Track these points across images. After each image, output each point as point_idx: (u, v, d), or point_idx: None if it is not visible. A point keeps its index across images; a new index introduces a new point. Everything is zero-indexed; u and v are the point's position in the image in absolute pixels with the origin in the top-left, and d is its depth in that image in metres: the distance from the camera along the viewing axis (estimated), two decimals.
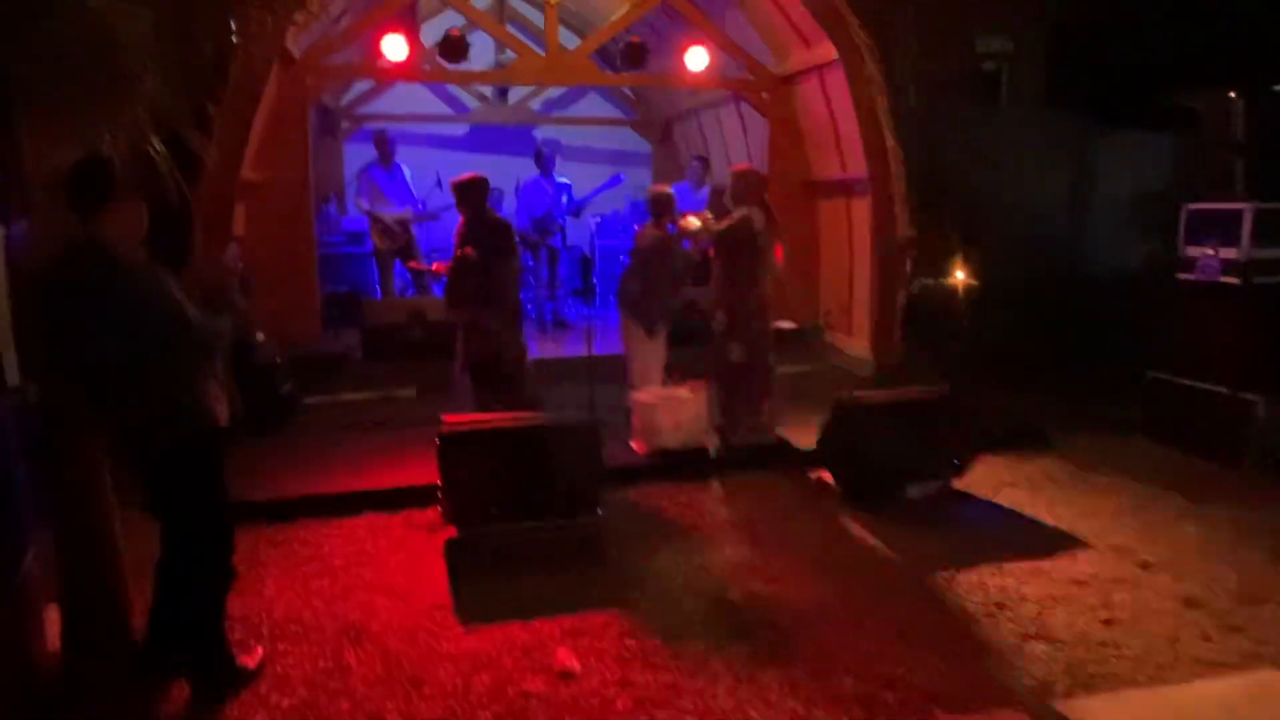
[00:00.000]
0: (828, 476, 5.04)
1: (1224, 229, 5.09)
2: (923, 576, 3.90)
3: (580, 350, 7.93)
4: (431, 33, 8.89)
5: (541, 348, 8.16)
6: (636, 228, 6.57)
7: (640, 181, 10.66)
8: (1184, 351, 5.49)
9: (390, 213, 7.96)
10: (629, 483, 5.01)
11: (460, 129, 11.47)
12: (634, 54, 7.44)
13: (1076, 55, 6.81)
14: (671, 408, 5.36)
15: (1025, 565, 3.97)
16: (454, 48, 7.14)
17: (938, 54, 6.58)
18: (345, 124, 10.60)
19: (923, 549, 4.17)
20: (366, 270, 8.80)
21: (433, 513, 4.37)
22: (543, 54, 7.40)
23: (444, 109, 11.36)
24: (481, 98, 11.24)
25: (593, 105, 11.89)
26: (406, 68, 7.22)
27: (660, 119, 11.47)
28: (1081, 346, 6.96)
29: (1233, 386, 5.13)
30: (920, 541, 4.26)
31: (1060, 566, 3.98)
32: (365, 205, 7.98)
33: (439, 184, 9.44)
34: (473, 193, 5.58)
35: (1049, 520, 4.56)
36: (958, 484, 4.94)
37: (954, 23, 6.67)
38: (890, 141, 6.61)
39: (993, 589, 3.75)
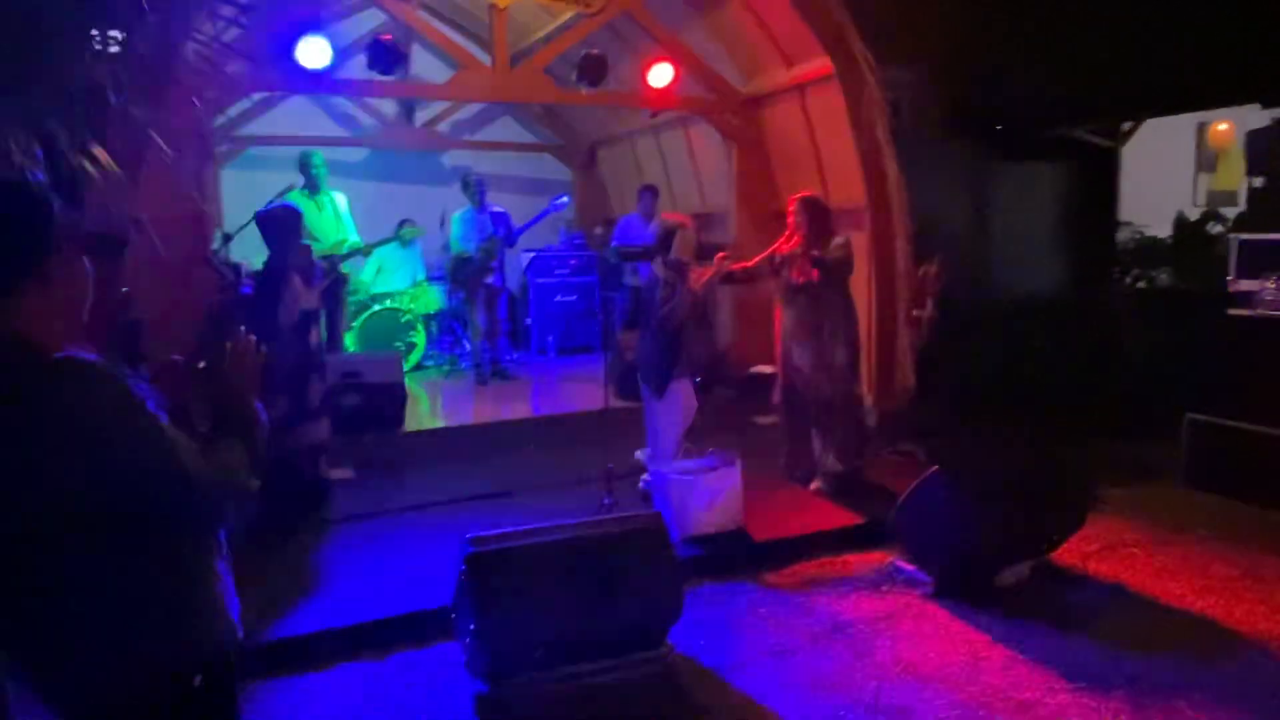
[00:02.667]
0: (900, 561, 4.28)
1: None
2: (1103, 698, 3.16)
3: (524, 410, 6.96)
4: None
5: (478, 407, 7.06)
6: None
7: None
8: (1235, 392, 5.11)
9: (318, 249, 6.66)
10: None
11: (357, 154, 10.14)
12: (593, 68, 6.54)
13: (976, 87, 6.71)
14: (708, 484, 4.45)
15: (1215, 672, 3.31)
16: (387, 55, 5.99)
17: None
18: (224, 147, 9.08)
19: (1073, 657, 3.44)
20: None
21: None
22: (490, 65, 6.37)
23: (338, 130, 10.02)
24: (383, 119, 9.98)
25: (506, 128, 10.86)
26: (325, 79, 6.01)
27: (584, 144, 10.58)
28: (1045, 379, 6.69)
29: None
30: (1066, 648, 3.53)
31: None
32: None
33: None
34: (278, 228, 4.60)
35: (1173, 603, 3.96)
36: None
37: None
38: (893, 168, 6.00)
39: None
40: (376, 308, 8.01)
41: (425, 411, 6.85)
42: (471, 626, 3.04)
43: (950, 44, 5.89)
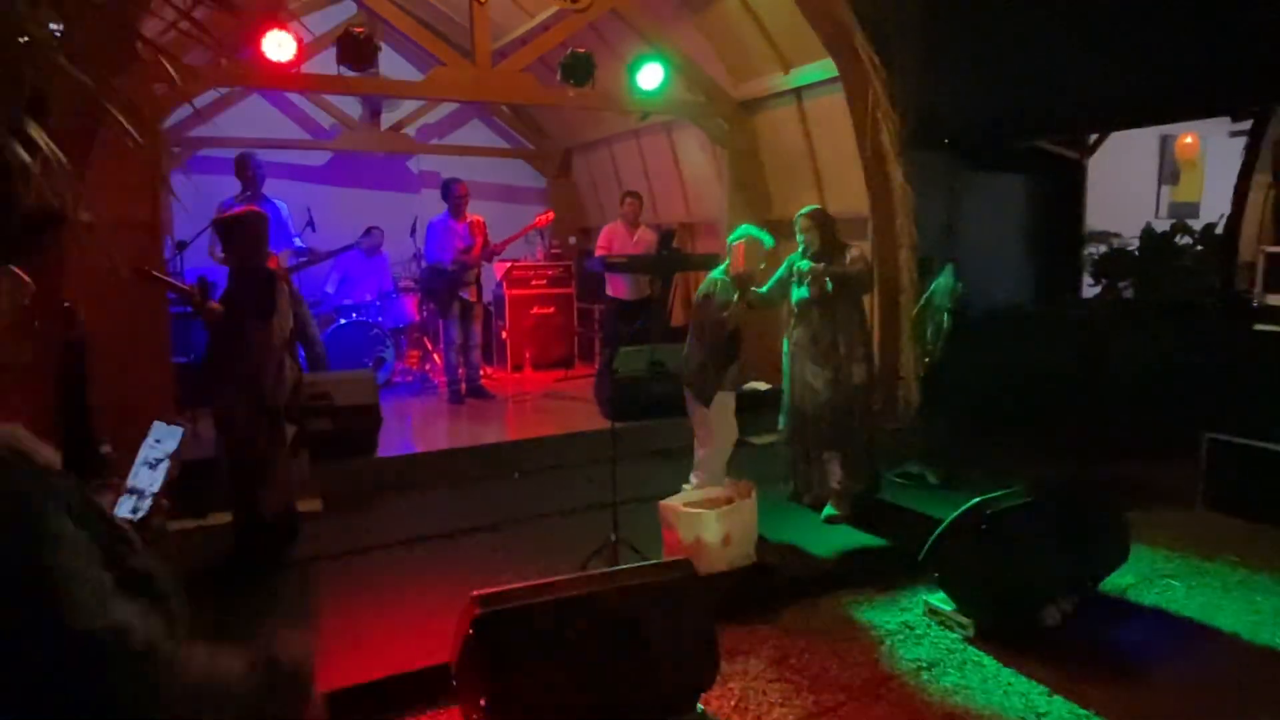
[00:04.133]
0: (934, 599, 3.94)
1: None
2: None
3: (504, 432, 6.50)
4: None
5: (454, 428, 6.60)
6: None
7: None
8: (1259, 411, 4.89)
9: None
10: None
11: (319, 157, 9.60)
12: (580, 67, 6.16)
13: (945, 100, 6.61)
14: (722, 518, 4.07)
15: None
16: (359, 50, 5.53)
17: None
18: (175, 150, 8.49)
19: (1141, 709, 3.13)
20: None
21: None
22: (471, 64, 5.94)
23: (299, 133, 9.46)
24: (346, 120, 9.46)
25: (477, 132, 10.42)
26: (290, 74, 5.53)
27: (558, 150, 10.18)
28: (1044, 397, 6.52)
29: None
30: (1130, 697, 3.22)
31: None
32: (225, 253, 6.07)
33: (309, 223, 7.72)
34: (241, 234, 4.13)
35: (1226, 640, 3.68)
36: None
37: None
38: (898, 176, 5.72)
39: None
40: (342, 321, 7.50)
41: (396, 434, 6.36)
42: (483, 701, 2.61)
43: (918, 57, 5.73)
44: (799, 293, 4.82)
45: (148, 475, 2.40)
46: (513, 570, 4.09)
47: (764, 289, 4.92)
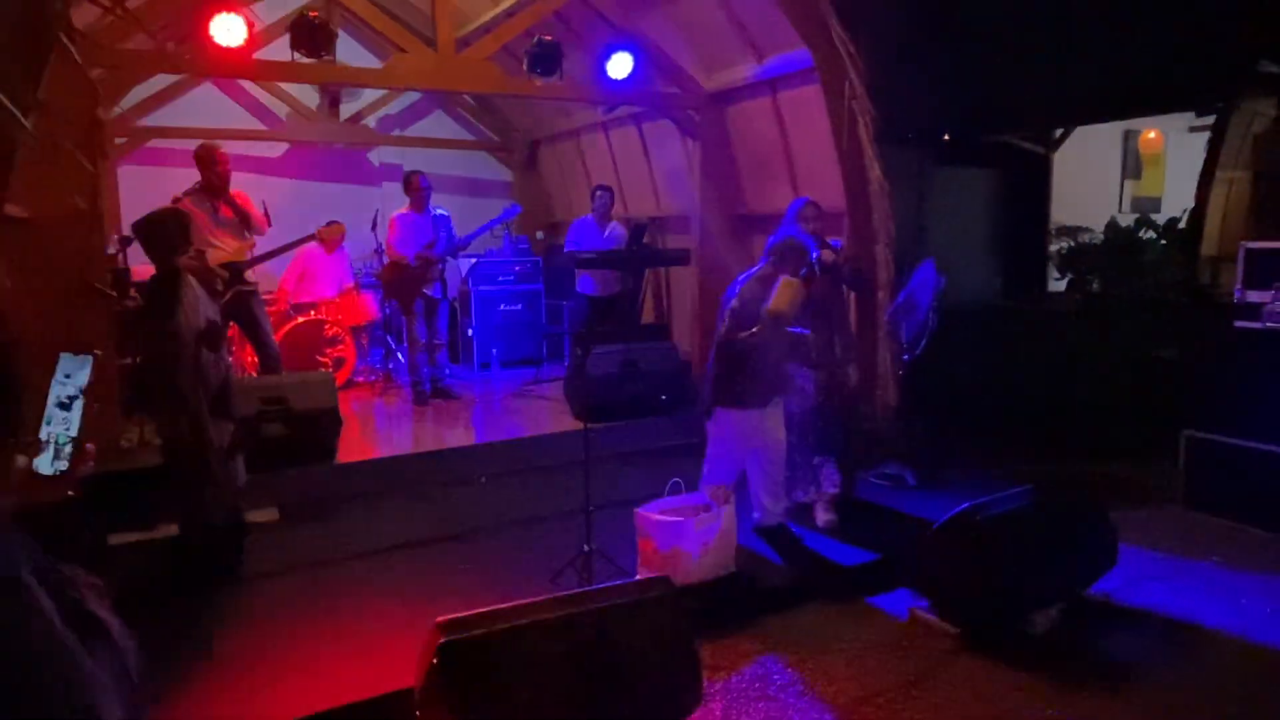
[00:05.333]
0: (919, 607, 3.82)
1: None
2: None
3: (471, 434, 6.27)
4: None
5: (418, 431, 6.36)
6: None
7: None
8: (1239, 409, 4.84)
9: (217, 255, 5.83)
10: None
11: (275, 149, 9.26)
12: (547, 56, 5.94)
13: (911, 95, 6.56)
14: (701, 527, 3.90)
15: None
16: (314, 36, 5.26)
17: None
18: (121, 140, 8.11)
19: (1141, 715, 3.03)
20: None
21: None
22: (434, 51, 5.69)
23: (253, 123, 9.12)
24: (303, 111, 9.12)
25: (439, 124, 10.13)
26: (243, 61, 5.25)
27: (524, 142, 9.93)
28: (1018, 394, 6.47)
29: None
30: (1124, 710, 3.11)
31: None
32: None
33: (264, 216, 7.38)
34: (159, 234, 3.93)
35: (1216, 644, 3.60)
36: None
37: None
38: (875, 171, 5.59)
39: None
40: (300, 319, 7.21)
41: (357, 438, 6.11)
42: None
43: (886, 52, 5.63)
44: None
45: (62, 418, 2.15)
46: (481, 584, 3.90)
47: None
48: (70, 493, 3.63)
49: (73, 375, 2.04)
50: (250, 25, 5.11)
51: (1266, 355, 4.69)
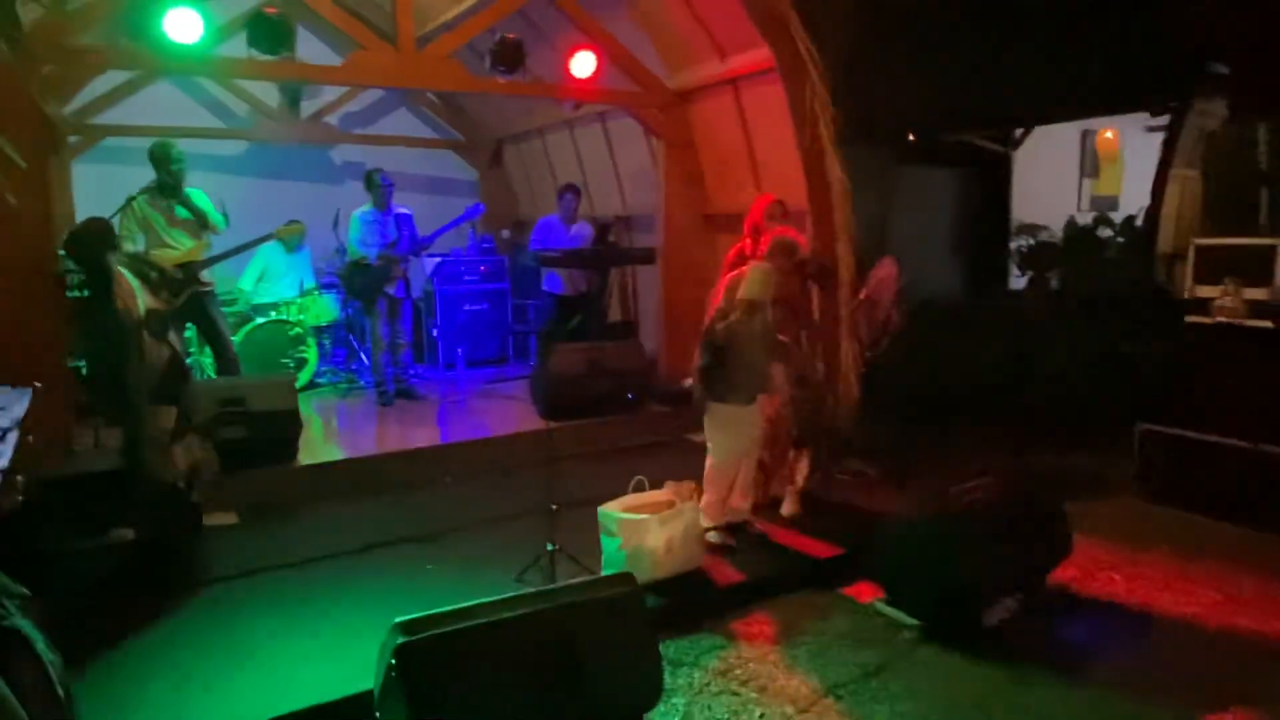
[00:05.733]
0: (881, 600, 3.86)
1: (1248, 266, 4.60)
2: None
3: (435, 435, 6.20)
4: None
5: (382, 432, 6.30)
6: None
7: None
8: (1191, 402, 4.96)
9: (172, 256, 5.73)
10: None
11: (234, 147, 9.11)
12: (509, 53, 5.92)
13: (875, 96, 6.65)
14: (664, 523, 3.91)
15: None
16: (272, 33, 5.19)
17: None
18: (75, 138, 7.93)
19: (1089, 708, 3.08)
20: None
21: None
22: (394, 48, 5.63)
23: (213, 121, 8.97)
24: (263, 108, 8.99)
25: (403, 122, 10.03)
26: (200, 58, 5.16)
27: (489, 140, 9.88)
28: (978, 389, 6.57)
29: (1259, 440, 4.63)
30: (1079, 697, 3.16)
31: None
32: (135, 248, 5.65)
33: (223, 214, 7.27)
34: (80, 246, 3.98)
35: (1167, 633, 3.69)
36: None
37: None
38: (836, 169, 5.63)
39: None
40: (260, 320, 7.11)
41: (320, 439, 6.04)
42: None
43: (850, 53, 5.69)
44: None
45: None
46: (445, 584, 3.87)
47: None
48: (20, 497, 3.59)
49: (8, 408, 2.00)
50: (206, 22, 5.03)
51: (1216, 349, 4.81)
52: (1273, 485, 4.58)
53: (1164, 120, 7.04)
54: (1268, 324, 4.54)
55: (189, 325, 6.05)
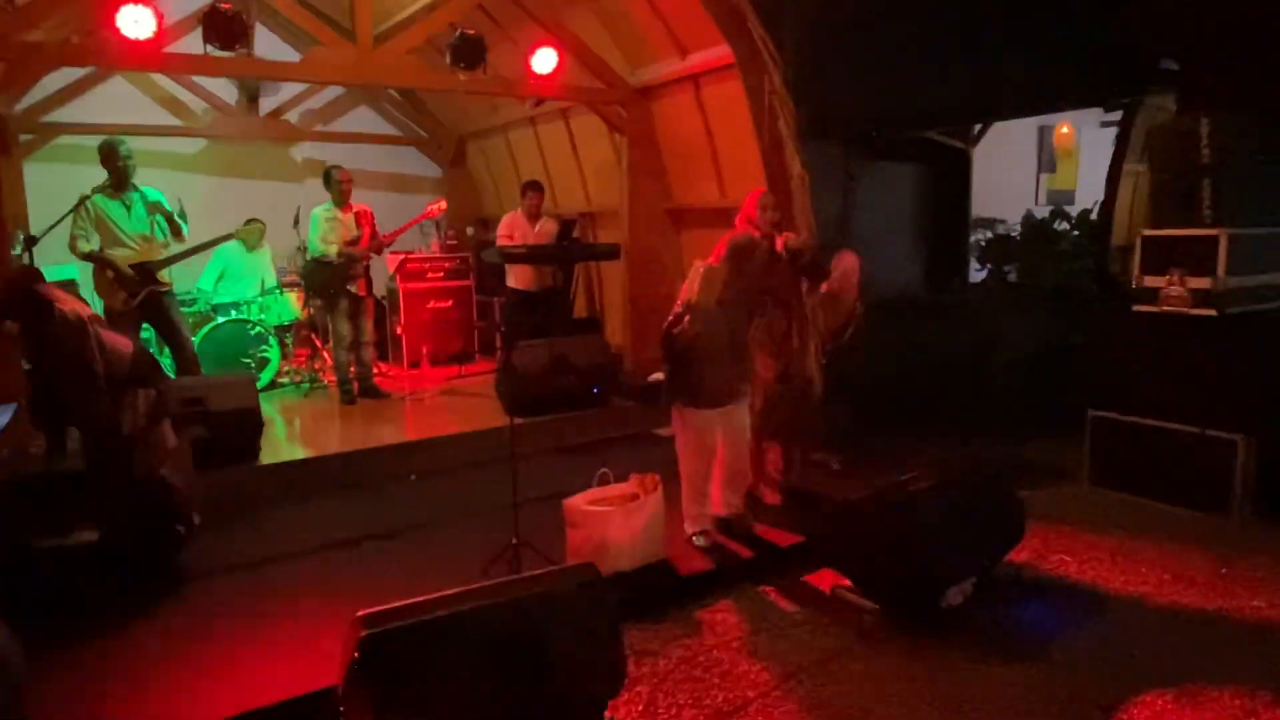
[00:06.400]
0: (841, 586, 3.94)
1: (1192, 257, 4.74)
2: None
3: (400, 433, 6.18)
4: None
5: (346, 431, 6.27)
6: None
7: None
8: (1140, 389, 5.10)
9: (128, 255, 5.65)
10: None
11: (192, 145, 8.99)
12: (470, 49, 5.91)
13: (835, 92, 6.77)
14: (628, 515, 3.95)
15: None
16: (227, 28, 5.14)
17: None
18: (27, 137, 7.78)
19: (1043, 689, 3.17)
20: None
21: None
22: (353, 45, 5.61)
23: (168, 118, 8.84)
24: (220, 105, 8.88)
25: (364, 119, 9.96)
26: (154, 54, 5.10)
27: (452, 137, 9.84)
28: (937, 379, 6.70)
29: (1205, 425, 4.79)
30: (1033, 677, 3.25)
31: None
32: (89, 247, 5.57)
33: (181, 215, 7.21)
34: (18, 302, 3.91)
35: (1117, 613, 3.80)
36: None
37: None
38: (796, 164, 5.71)
39: None
40: (220, 320, 7.03)
41: (283, 439, 6.00)
42: None
43: (811, 50, 5.77)
44: None
45: None
46: (410, 581, 3.87)
47: None
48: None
49: None
50: (160, 17, 4.97)
51: (1163, 337, 4.95)
52: (1218, 468, 4.74)
53: (1117, 116, 7.22)
54: (1211, 312, 4.68)
55: (145, 326, 5.97)
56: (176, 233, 5.77)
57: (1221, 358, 4.71)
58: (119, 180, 5.56)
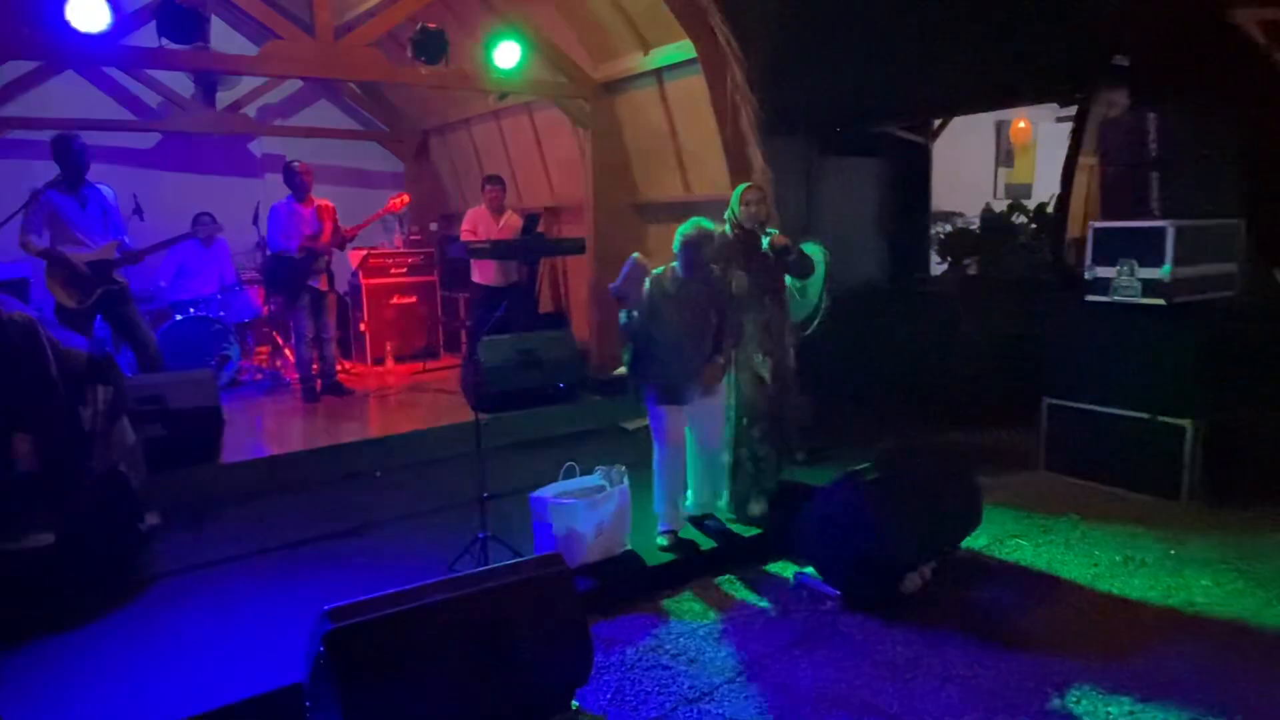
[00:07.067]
0: (804, 574, 4.01)
1: (1141, 248, 4.87)
2: None
3: (365, 429, 6.13)
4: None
5: (309, 428, 6.22)
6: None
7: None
8: (1091, 377, 5.24)
9: (82, 253, 5.54)
10: None
11: (147, 139, 8.82)
12: (431, 42, 5.88)
13: (798, 87, 6.86)
14: (594, 507, 3.98)
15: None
16: (183, 21, 5.06)
17: None
18: None
19: (1000, 667, 3.26)
20: None
21: None
22: (312, 38, 5.55)
23: (122, 113, 8.66)
24: (176, 99, 8.72)
25: (325, 113, 9.85)
26: (107, 47, 5.00)
27: (415, 131, 9.76)
28: (899, 370, 6.83)
29: (1154, 412, 4.93)
30: (990, 658, 3.34)
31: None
32: (42, 244, 5.46)
33: (136, 211, 7.09)
34: None
35: (1072, 595, 3.91)
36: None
37: None
38: (758, 159, 5.76)
39: None
40: (179, 317, 6.92)
41: (244, 437, 5.92)
42: None
43: (773, 45, 5.84)
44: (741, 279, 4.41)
45: None
46: (377, 576, 3.87)
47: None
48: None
49: None
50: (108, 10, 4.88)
51: (1113, 326, 5.09)
52: (1167, 453, 4.88)
53: (1072, 110, 7.38)
54: (1160, 301, 4.82)
55: (104, 324, 5.86)
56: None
57: (1170, 346, 4.86)
58: (73, 176, 5.45)
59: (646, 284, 4.19)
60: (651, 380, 4.21)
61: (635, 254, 4.22)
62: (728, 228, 4.50)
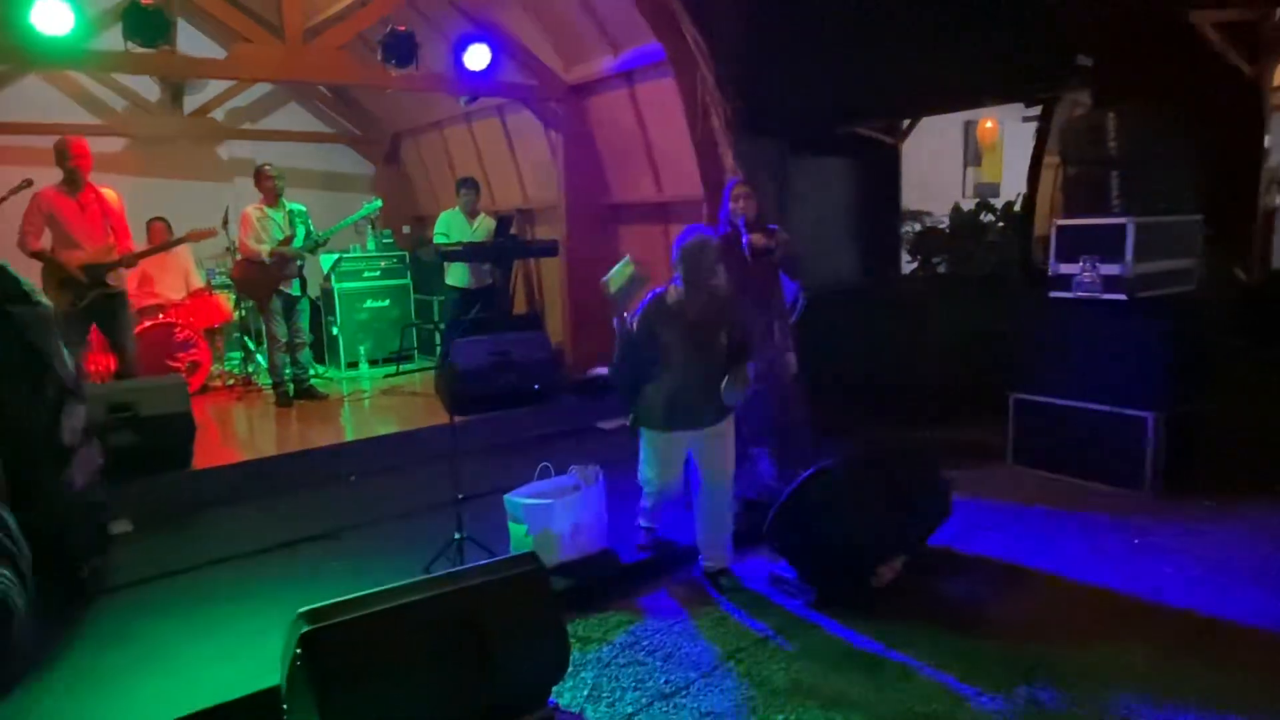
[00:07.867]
0: (779, 568, 4.06)
1: (1103, 244, 4.98)
2: None
3: (338, 434, 6.11)
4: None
5: (282, 433, 6.19)
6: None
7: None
8: (1056, 371, 5.34)
9: (78, 255, 5.48)
10: None
11: (112, 144, 8.70)
12: (401, 45, 5.87)
13: (768, 88, 6.93)
14: (570, 506, 4.00)
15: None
16: (148, 24, 5.02)
17: None
18: None
19: (971, 657, 3.33)
20: None
21: None
22: (281, 41, 5.52)
23: (86, 117, 8.55)
24: (142, 103, 8.63)
25: (293, 117, 9.78)
26: (71, 51, 4.95)
27: (385, 135, 9.72)
28: (869, 368, 6.92)
29: (1117, 405, 5.04)
30: (961, 648, 3.40)
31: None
32: (37, 245, 5.40)
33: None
34: None
35: (1040, 583, 4.00)
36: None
37: None
38: (729, 160, 5.81)
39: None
40: (146, 323, 6.84)
41: (216, 443, 5.88)
42: None
43: (743, 46, 5.89)
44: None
45: None
46: (353, 579, 3.86)
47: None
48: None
49: None
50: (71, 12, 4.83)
51: (1077, 321, 5.20)
52: (1130, 445, 4.99)
53: (1038, 110, 7.52)
54: (1121, 296, 4.93)
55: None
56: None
57: (1132, 340, 4.97)
58: (73, 179, 5.40)
59: (640, 310, 3.81)
60: (655, 403, 3.83)
61: (627, 255, 4.06)
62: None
